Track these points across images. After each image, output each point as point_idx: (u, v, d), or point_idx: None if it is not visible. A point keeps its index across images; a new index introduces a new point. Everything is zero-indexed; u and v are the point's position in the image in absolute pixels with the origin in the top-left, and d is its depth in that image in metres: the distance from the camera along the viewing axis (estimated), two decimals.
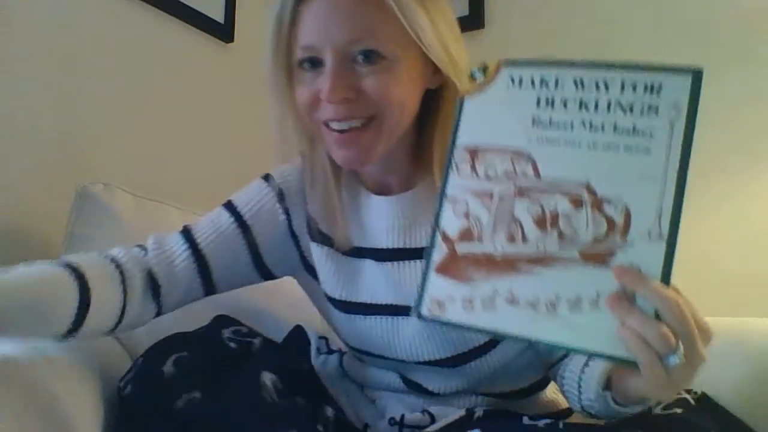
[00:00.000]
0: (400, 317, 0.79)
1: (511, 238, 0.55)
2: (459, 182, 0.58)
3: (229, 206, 0.84)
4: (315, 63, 0.71)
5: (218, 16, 1.54)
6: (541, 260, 0.54)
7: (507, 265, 0.55)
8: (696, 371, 0.52)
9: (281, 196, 0.84)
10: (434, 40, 0.71)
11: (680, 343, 0.50)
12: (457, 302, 0.56)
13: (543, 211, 0.54)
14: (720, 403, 0.68)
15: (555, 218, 0.54)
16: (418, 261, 0.78)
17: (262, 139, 0.83)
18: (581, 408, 0.70)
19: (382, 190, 0.82)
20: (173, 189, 1.22)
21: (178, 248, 0.81)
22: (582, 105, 0.54)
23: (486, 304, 0.55)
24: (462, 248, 0.56)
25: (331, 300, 0.83)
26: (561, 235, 0.54)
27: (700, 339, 0.51)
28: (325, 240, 0.82)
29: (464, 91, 0.59)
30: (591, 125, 0.54)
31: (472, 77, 0.59)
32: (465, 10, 1.49)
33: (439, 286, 0.57)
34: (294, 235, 0.85)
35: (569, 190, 0.54)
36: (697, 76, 0.52)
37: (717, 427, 0.63)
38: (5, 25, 1.12)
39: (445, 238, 0.57)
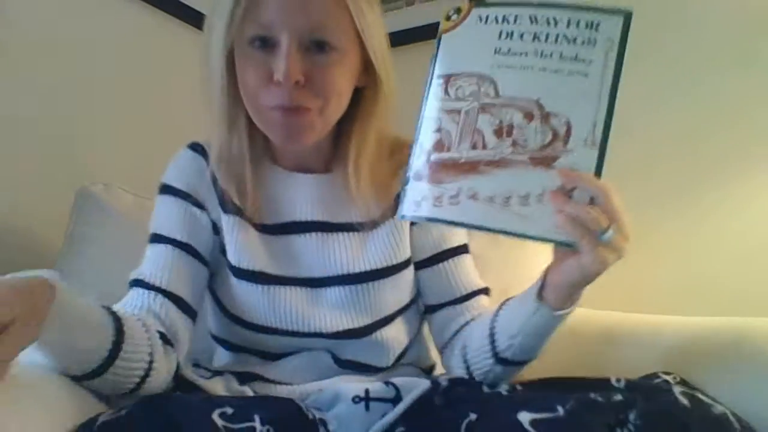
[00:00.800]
0: (321, 288, 0.83)
1: (474, 146, 0.66)
2: (434, 104, 0.68)
3: (161, 239, 0.82)
4: (266, 42, 0.74)
5: None
6: (498, 163, 0.65)
7: (470, 167, 0.65)
8: (624, 246, 0.63)
9: (190, 198, 0.84)
10: (376, 41, 0.78)
11: (612, 222, 0.61)
12: (429, 200, 0.66)
13: (501, 123, 0.65)
14: (716, 399, 0.67)
15: (510, 129, 0.65)
16: (340, 233, 0.85)
17: None
18: (494, 359, 0.78)
19: (300, 170, 0.87)
20: None
21: (149, 299, 0.78)
22: (535, 37, 0.66)
23: (452, 200, 0.66)
24: (434, 157, 0.67)
25: (244, 273, 0.82)
26: (514, 143, 0.65)
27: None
28: (239, 212, 0.83)
29: (441, 30, 0.69)
30: (542, 54, 0.65)
31: (448, 18, 0.69)
32: None
33: (415, 190, 0.68)
34: (215, 225, 0.85)
35: (523, 106, 0.65)
36: (627, 16, 0.64)
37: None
38: (5, 25, 1.13)
39: (423, 150, 0.68)
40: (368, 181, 0.83)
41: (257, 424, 0.61)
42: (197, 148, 0.88)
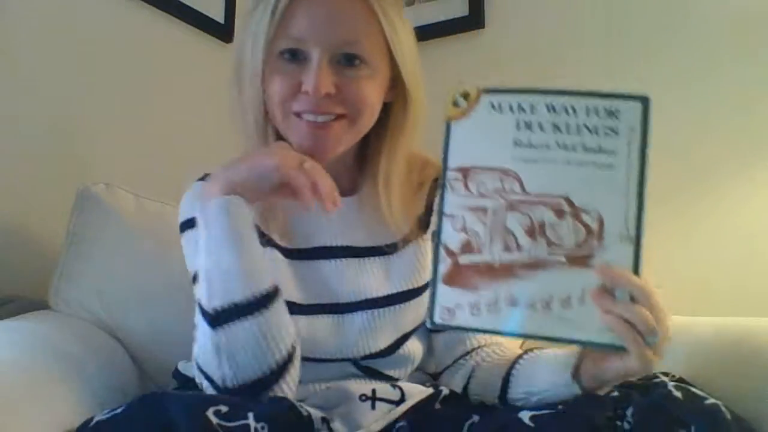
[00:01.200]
0: (347, 314, 0.82)
1: (507, 248, 0.63)
2: (454, 200, 0.64)
3: None
4: (296, 55, 0.74)
5: (218, 16, 1.53)
6: (534, 265, 0.62)
7: (505, 271, 0.63)
8: (665, 347, 0.62)
9: None
10: (408, 57, 0.78)
11: (657, 323, 0.60)
12: (465, 308, 0.63)
13: (531, 221, 0.62)
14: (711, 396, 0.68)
15: (542, 227, 0.62)
16: (366, 258, 0.84)
17: None
18: (499, 401, 0.78)
19: None
20: (173, 189, 1.22)
21: None
22: (555, 127, 0.63)
23: (491, 308, 0.62)
24: (464, 259, 0.63)
25: None
26: (549, 242, 0.62)
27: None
28: (266, 242, 0.81)
29: (448, 116, 0.65)
30: (565, 145, 0.62)
31: (455, 104, 0.65)
32: (465, 10, 1.48)
33: (447, 295, 0.64)
34: None
35: (552, 203, 0.62)
36: (645, 102, 0.61)
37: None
38: (5, 25, 1.13)
39: (448, 251, 0.64)
40: (398, 199, 0.82)
41: (251, 421, 0.61)
42: None
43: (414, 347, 0.87)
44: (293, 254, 0.83)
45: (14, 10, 1.14)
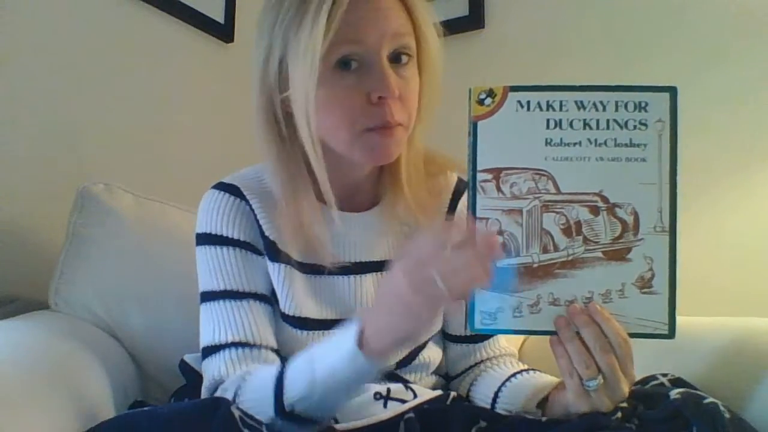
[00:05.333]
0: None
1: (545, 248, 0.63)
2: (487, 202, 0.64)
3: (237, 295, 0.80)
4: (353, 63, 0.72)
5: (218, 16, 1.54)
6: (573, 263, 0.63)
7: (544, 272, 0.63)
8: (615, 398, 0.64)
9: (250, 247, 0.81)
10: (436, 59, 0.77)
11: (604, 372, 0.62)
12: (507, 312, 0.63)
13: (567, 220, 0.63)
14: (710, 396, 0.68)
15: (578, 225, 0.63)
16: (383, 273, 0.82)
17: None
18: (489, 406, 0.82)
19: (347, 207, 0.83)
20: (173, 189, 1.22)
21: (265, 354, 0.78)
22: (586, 124, 0.63)
23: (532, 309, 0.63)
24: (502, 263, 0.63)
25: (290, 318, 0.80)
26: (585, 239, 0.63)
27: (624, 381, 0.63)
28: (282, 258, 0.80)
29: (474, 115, 0.64)
30: (596, 142, 0.63)
31: (480, 102, 0.64)
32: (465, 10, 1.48)
33: (486, 300, 0.64)
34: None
35: (586, 200, 0.63)
36: (673, 92, 0.63)
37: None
38: (5, 25, 1.13)
39: None
40: (424, 204, 0.81)
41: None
42: (235, 191, 0.82)
43: (431, 354, 0.87)
44: (309, 269, 0.81)
45: (14, 10, 1.14)
